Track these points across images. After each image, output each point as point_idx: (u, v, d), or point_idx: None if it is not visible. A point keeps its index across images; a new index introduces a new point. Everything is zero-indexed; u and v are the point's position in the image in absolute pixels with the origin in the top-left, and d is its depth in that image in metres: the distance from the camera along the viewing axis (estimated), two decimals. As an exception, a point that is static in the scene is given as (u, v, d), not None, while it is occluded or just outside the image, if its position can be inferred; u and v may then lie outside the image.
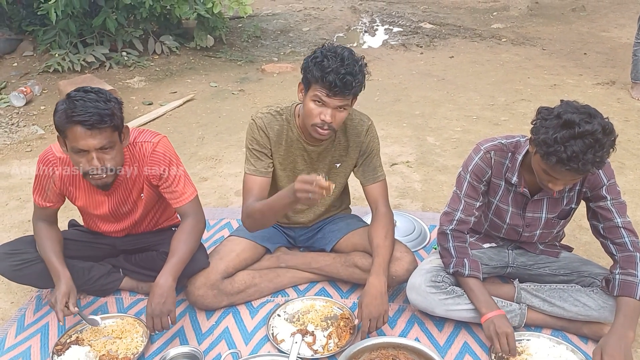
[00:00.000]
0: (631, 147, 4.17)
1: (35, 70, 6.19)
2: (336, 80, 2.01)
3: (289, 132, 2.34)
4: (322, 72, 2.03)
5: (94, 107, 1.91)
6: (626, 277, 2.05)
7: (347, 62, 2.04)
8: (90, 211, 2.32)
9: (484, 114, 4.99)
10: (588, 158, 1.76)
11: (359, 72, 2.08)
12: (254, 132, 2.33)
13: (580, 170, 1.79)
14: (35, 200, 2.27)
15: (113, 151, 2.02)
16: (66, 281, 2.16)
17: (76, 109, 1.90)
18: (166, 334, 2.28)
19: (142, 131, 2.27)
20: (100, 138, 1.95)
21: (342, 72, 2.01)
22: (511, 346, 2.04)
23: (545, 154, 1.82)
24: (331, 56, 2.04)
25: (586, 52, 6.99)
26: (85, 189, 2.25)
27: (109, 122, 1.94)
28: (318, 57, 2.06)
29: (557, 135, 1.78)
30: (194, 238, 2.25)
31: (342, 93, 2.06)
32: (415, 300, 2.24)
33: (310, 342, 2.20)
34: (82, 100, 1.91)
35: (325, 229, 2.62)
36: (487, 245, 2.41)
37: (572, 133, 1.77)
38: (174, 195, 2.26)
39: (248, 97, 5.73)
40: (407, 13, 9.82)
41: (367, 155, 2.39)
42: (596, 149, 1.76)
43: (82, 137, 1.93)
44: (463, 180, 2.23)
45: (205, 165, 4.05)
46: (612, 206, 2.10)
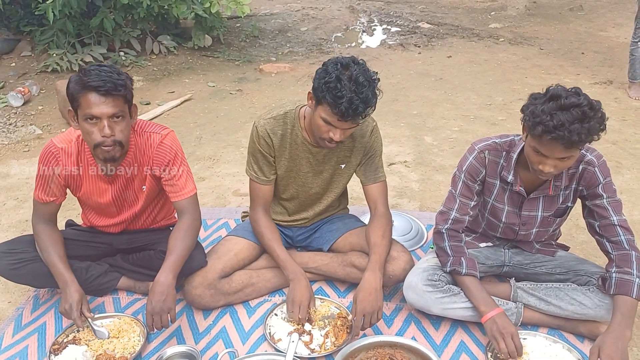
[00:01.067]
0: (628, 147, 4.18)
1: (33, 71, 6.19)
2: (349, 110, 1.97)
3: (293, 136, 2.33)
4: (335, 100, 1.97)
5: (108, 76, 1.98)
6: (622, 276, 2.05)
7: (361, 88, 1.97)
8: (94, 200, 2.33)
9: (481, 114, 5.00)
10: (574, 127, 1.78)
11: (372, 97, 2.02)
12: (257, 140, 2.33)
13: (567, 140, 1.79)
14: (37, 196, 2.27)
15: (123, 122, 2.06)
16: (77, 288, 2.19)
17: (91, 76, 1.97)
18: (163, 334, 2.28)
19: (150, 123, 2.30)
20: (113, 105, 2.00)
21: (355, 102, 1.97)
22: (517, 346, 2.04)
23: (533, 125, 1.85)
24: (345, 80, 1.97)
25: (584, 52, 7.01)
26: (89, 177, 2.26)
27: (122, 90, 2.01)
28: (332, 82, 1.98)
29: (544, 107, 1.83)
30: (191, 235, 2.26)
31: (353, 120, 2.04)
32: (412, 299, 2.24)
33: (307, 341, 2.20)
34: (96, 70, 1.99)
35: (323, 228, 2.63)
36: (483, 244, 2.42)
37: (558, 104, 1.81)
38: (174, 189, 2.28)
39: (246, 97, 5.73)
40: (405, 13, 9.83)
41: (371, 156, 2.40)
42: (583, 121, 1.78)
43: (96, 103, 1.98)
44: (458, 180, 2.24)
45: (203, 165, 4.05)
46: (608, 204, 2.10)
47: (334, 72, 2.00)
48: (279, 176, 2.45)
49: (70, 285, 2.18)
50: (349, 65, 2.02)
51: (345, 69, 2.01)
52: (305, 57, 7.25)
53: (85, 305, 2.19)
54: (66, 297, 2.16)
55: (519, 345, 2.04)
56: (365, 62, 2.09)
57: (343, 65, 2.02)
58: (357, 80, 1.98)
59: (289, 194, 2.52)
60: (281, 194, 2.53)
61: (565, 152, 1.86)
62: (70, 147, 2.20)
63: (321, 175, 2.45)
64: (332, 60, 2.06)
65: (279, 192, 2.53)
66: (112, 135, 2.02)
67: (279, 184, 2.49)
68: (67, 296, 2.16)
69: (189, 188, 2.30)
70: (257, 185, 2.42)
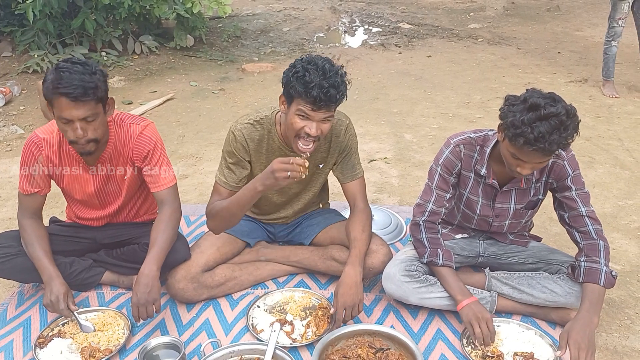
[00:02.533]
0: (601, 143, 4.30)
1: (14, 71, 6.16)
2: (320, 94, 2.00)
3: (270, 141, 2.34)
4: (305, 87, 2.01)
5: (79, 80, 1.98)
6: (591, 264, 2.14)
7: (328, 74, 2.02)
8: (77, 190, 2.36)
9: (459, 112, 5.09)
10: (554, 138, 1.85)
11: (342, 83, 2.07)
12: (232, 145, 2.32)
13: (547, 150, 1.88)
14: (22, 187, 2.30)
15: (96, 122, 2.09)
16: (62, 281, 2.23)
17: (62, 81, 1.97)
18: (147, 326, 2.32)
19: (130, 115, 2.34)
20: (83, 109, 2.02)
21: (325, 86, 2.00)
22: (491, 331, 2.12)
23: (514, 136, 1.91)
24: (312, 69, 2.02)
25: (560, 51, 7.15)
26: (71, 166, 2.30)
27: (92, 95, 2.02)
28: (299, 72, 2.03)
29: (524, 118, 1.87)
30: (172, 226, 2.30)
31: (326, 106, 2.06)
32: (390, 289, 2.31)
33: (288, 331, 2.26)
34: (68, 72, 1.99)
35: (304, 223, 2.68)
36: (459, 236, 2.50)
37: (538, 115, 1.86)
38: (154, 179, 2.32)
39: (228, 96, 5.77)
40: (386, 13, 9.92)
41: (346, 154, 2.42)
42: (561, 130, 1.86)
43: (67, 108, 2.01)
44: (434, 173, 2.31)
45: (186, 163, 4.09)
46: (576, 196, 2.19)
47: (300, 65, 2.06)
48: None
49: (55, 279, 2.21)
50: (314, 58, 2.09)
51: (311, 61, 2.07)
52: (288, 57, 7.30)
53: (71, 299, 2.23)
54: (51, 289, 2.19)
55: (492, 330, 2.13)
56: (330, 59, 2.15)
57: (308, 59, 2.08)
58: (324, 68, 2.03)
59: (267, 198, 2.54)
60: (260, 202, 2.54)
61: (543, 158, 1.96)
62: (52, 138, 2.24)
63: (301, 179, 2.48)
64: (298, 58, 2.13)
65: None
66: (84, 136, 2.07)
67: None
68: (53, 289, 2.19)
69: (168, 179, 2.34)
70: (221, 188, 2.34)
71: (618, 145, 4.25)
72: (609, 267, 2.14)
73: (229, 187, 2.34)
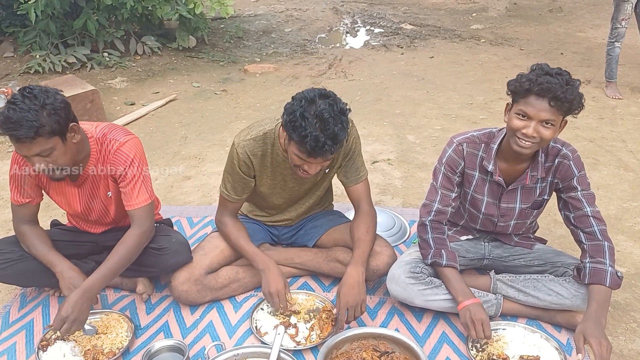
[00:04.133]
0: (605, 144, 4.28)
1: (16, 72, 6.15)
2: (316, 148, 1.93)
3: (274, 155, 2.30)
4: (301, 138, 1.93)
5: (23, 119, 1.88)
6: (596, 265, 2.13)
7: (327, 124, 1.92)
8: (65, 203, 2.34)
9: (462, 113, 5.08)
10: (558, 85, 1.91)
11: (341, 132, 1.96)
12: (236, 163, 2.29)
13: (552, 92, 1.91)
14: (13, 198, 2.28)
15: (53, 154, 2.00)
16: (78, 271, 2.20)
17: (7, 122, 1.89)
18: (151, 329, 2.32)
19: (115, 128, 2.25)
20: (33, 148, 1.95)
21: (321, 140, 1.92)
22: (486, 333, 2.11)
23: (520, 85, 1.99)
24: (310, 118, 1.92)
25: (563, 52, 7.14)
26: (57, 182, 2.26)
27: (34, 134, 1.90)
28: (296, 120, 1.93)
29: (530, 73, 2.00)
30: (131, 248, 2.21)
31: (323, 157, 2.01)
32: (395, 291, 2.30)
33: (292, 334, 2.25)
34: (13, 111, 1.89)
35: (308, 225, 2.67)
36: (464, 237, 2.49)
37: (544, 70, 1.98)
38: (126, 197, 2.24)
39: (231, 97, 5.76)
40: (388, 14, 9.91)
41: (350, 157, 2.38)
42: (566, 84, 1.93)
43: (17, 147, 1.97)
44: (438, 173, 2.31)
45: (189, 165, 4.08)
46: (582, 197, 2.19)
47: (298, 109, 1.95)
48: (263, 192, 2.45)
49: (71, 270, 2.18)
50: (314, 100, 1.97)
51: (311, 104, 1.96)
52: (290, 58, 7.30)
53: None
54: (73, 282, 2.15)
55: (487, 332, 2.11)
56: (334, 94, 2.03)
57: (308, 101, 1.96)
58: (322, 116, 1.92)
59: (273, 203, 2.55)
60: (266, 203, 2.56)
61: (549, 110, 1.96)
62: None
63: (306, 185, 2.48)
64: (299, 95, 2.01)
65: (263, 200, 2.55)
66: (43, 168, 2.01)
67: (263, 197, 2.50)
68: (74, 282, 2.15)
69: (141, 198, 2.23)
70: (226, 200, 2.41)
71: (622, 147, 4.24)
72: (614, 268, 2.13)
73: (234, 200, 2.39)
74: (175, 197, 3.58)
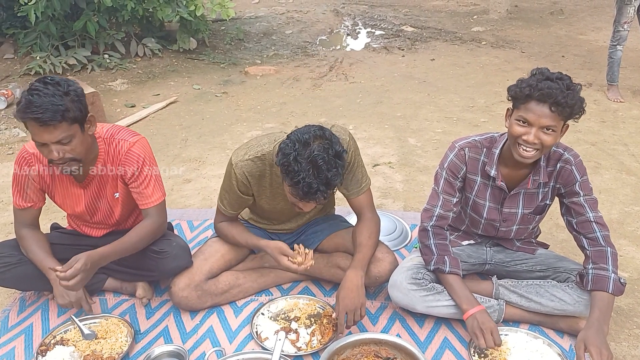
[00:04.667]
0: (607, 148, 4.27)
1: (16, 73, 6.14)
2: (308, 194, 1.90)
3: (273, 176, 2.24)
4: (293, 183, 1.90)
5: (49, 103, 1.90)
6: (599, 272, 2.11)
7: (320, 171, 1.87)
8: (69, 206, 2.33)
9: (464, 116, 5.07)
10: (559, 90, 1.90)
11: (335, 177, 1.91)
12: (234, 182, 2.24)
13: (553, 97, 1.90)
14: (16, 202, 2.27)
15: (72, 143, 2.02)
16: None
17: (30, 105, 1.90)
18: (150, 334, 2.30)
19: (122, 129, 2.28)
20: (55, 133, 1.96)
21: (314, 187, 1.88)
22: (496, 341, 2.08)
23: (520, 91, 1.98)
24: (303, 162, 1.87)
25: (564, 55, 7.13)
26: (62, 183, 2.26)
27: (60, 118, 1.94)
28: (289, 164, 1.89)
29: (531, 78, 1.98)
30: (141, 236, 2.26)
31: (315, 200, 1.97)
32: (397, 297, 2.28)
33: (293, 340, 2.23)
34: (37, 95, 1.91)
35: (309, 230, 2.65)
36: (465, 242, 2.47)
37: (545, 75, 1.97)
38: (141, 197, 2.27)
39: (231, 99, 5.75)
40: (389, 16, 9.91)
41: (349, 171, 2.30)
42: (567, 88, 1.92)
43: (37, 132, 1.96)
44: (440, 177, 2.29)
45: (189, 167, 4.06)
46: (584, 202, 2.17)
47: (292, 152, 1.90)
48: (261, 207, 2.42)
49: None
50: (309, 143, 1.91)
51: (305, 147, 1.90)
52: (290, 60, 7.29)
53: (87, 293, 2.22)
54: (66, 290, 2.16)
55: (497, 340, 2.09)
56: (331, 134, 1.98)
57: (302, 144, 1.91)
58: (316, 162, 1.87)
59: (273, 217, 2.54)
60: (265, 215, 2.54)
61: (550, 116, 1.94)
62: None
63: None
64: (294, 136, 1.95)
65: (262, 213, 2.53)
66: (61, 157, 2.01)
67: (262, 211, 2.48)
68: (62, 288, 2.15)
69: (156, 196, 2.28)
70: (223, 214, 2.41)
71: (624, 151, 4.22)
72: (617, 274, 2.11)
73: (230, 214, 2.39)
74: (176, 200, 3.56)
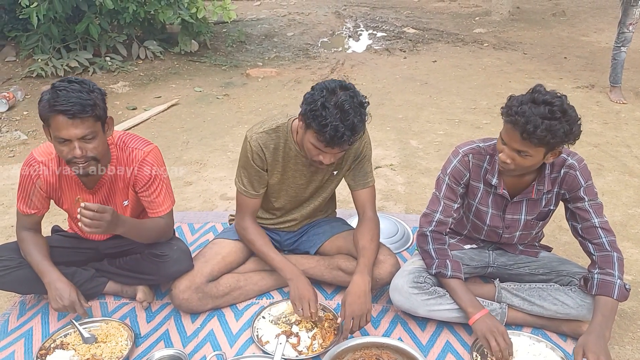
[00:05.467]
0: (610, 150, 4.25)
1: (18, 76, 6.15)
2: (335, 138, 1.96)
3: (287, 150, 2.30)
4: (320, 127, 1.96)
5: (77, 97, 1.93)
6: (604, 277, 2.09)
7: (347, 115, 1.95)
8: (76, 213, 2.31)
9: (466, 118, 5.05)
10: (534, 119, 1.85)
11: (359, 124, 1.99)
12: (249, 156, 2.30)
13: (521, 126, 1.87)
14: (20, 208, 2.27)
15: (95, 141, 2.02)
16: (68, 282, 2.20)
17: (59, 99, 1.91)
18: (151, 337, 2.29)
19: (134, 137, 2.28)
20: (82, 127, 1.96)
21: (341, 130, 1.94)
22: (508, 343, 2.06)
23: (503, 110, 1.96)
24: (330, 107, 1.94)
25: (566, 56, 7.12)
26: (70, 189, 2.25)
27: (90, 112, 1.95)
28: (317, 109, 1.95)
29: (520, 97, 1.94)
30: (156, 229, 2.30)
31: (340, 147, 2.03)
32: (399, 301, 2.27)
33: (294, 343, 2.22)
34: (65, 90, 1.93)
35: (310, 232, 2.64)
36: (468, 246, 2.46)
37: (532, 97, 1.91)
38: (151, 206, 2.29)
39: (233, 102, 5.74)
40: (390, 18, 9.91)
41: (360, 161, 2.39)
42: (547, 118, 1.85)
43: (64, 126, 1.95)
44: (442, 183, 2.27)
45: (190, 170, 4.05)
46: (589, 207, 2.14)
47: (319, 98, 1.97)
48: (270, 186, 2.44)
49: (60, 281, 2.18)
50: (335, 91, 1.99)
51: (332, 94, 1.98)
52: (292, 62, 7.29)
53: (81, 297, 2.21)
54: (60, 294, 2.16)
55: (509, 343, 2.07)
56: (353, 86, 2.06)
57: (329, 91, 1.99)
58: (343, 107, 1.95)
59: (280, 202, 2.53)
60: (272, 202, 2.54)
61: (521, 142, 1.91)
62: (51, 160, 2.18)
63: (314, 184, 2.46)
64: (320, 85, 2.03)
65: (269, 200, 2.53)
66: (83, 155, 2.01)
67: (270, 193, 2.48)
68: (62, 293, 2.16)
69: (166, 205, 2.31)
70: (245, 197, 2.41)
71: (627, 152, 4.21)
72: (622, 280, 2.09)
73: (251, 195, 2.38)
74: (177, 203, 3.49)
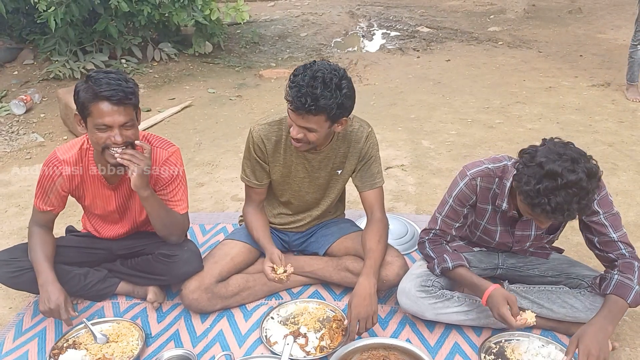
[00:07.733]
0: (625, 149, 4.19)
1: (35, 79, 6.24)
2: (295, 99, 2.01)
3: (288, 142, 2.32)
4: (288, 88, 2.04)
5: (118, 85, 2.00)
6: (624, 280, 2.04)
7: (315, 82, 1.99)
8: (100, 206, 2.36)
9: (478, 117, 5.02)
10: (573, 207, 1.77)
11: (325, 97, 2.00)
12: (251, 146, 2.37)
13: (566, 219, 1.84)
14: (36, 204, 2.31)
15: (132, 129, 2.09)
16: (60, 287, 2.20)
17: (102, 86, 1.98)
18: (161, 337, 2.32)
19: (157, 137, 2.34)
20: (124, 114, 2.03)
21: (301, 92, 1.99)
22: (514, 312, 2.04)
23: (530, 205, 1.83)
24: (308, 74, 2.01)
25: (582, 54, 7.02)
26: (93, 185, 2.29)
27: (133, 99, 2.04)
28: (296, 74, 2.06)
29: (539, 187, 1.77)
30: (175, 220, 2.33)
31: (302, 113, 2.04)
32: (406, 304, 2.27)
33: (302, 344, 2.23)
34: (106, 78, 2.00)
35: (319, 233, 2.66)
36: (477, 248, 2.45)
37: (555, 185, 1.75)
38: (169, 204, 2.31)
39: (246, 103, 5.77)
40: (404, 17, 9.86)
41: (366, 162, 2.40)
42: (581, 197, 1.76)
43: (109, 112, 2.00)
44: (445, 205, 2.26)
45: (202, 171, 4.09)
46: (605, 220, 2.07)
47: (301, 67, 2.07)
48: (274, 181, 2.47)
49: (53, 284, 2.19)
50: (322, 64, 2.07)
51: (315, 64, 2.06)
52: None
53: (70, 305, 2.21)
54: (48, 297, 2.16)
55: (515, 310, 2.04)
56: (345, 73, 2.09)
57: (314, 62, 2.08)
58: (315, 75, 2.00)
59: (285, 197, 2.55)
60: (277, 197, 2.57)
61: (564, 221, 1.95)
62: (73, 157, 2.22)
63: (317, 181, 2.47)
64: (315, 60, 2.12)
65: (274, 195, 2.56)
66: (123, 142, 2.07)
67: (274, 187, 2.52)
68: (50, 296, 2.16)
69: (183, 205, 2.35)
70: (249, 188, 2.48)
71: (642, 151, 4.15)
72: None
73: (255, 185, 2.45)
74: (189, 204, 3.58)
